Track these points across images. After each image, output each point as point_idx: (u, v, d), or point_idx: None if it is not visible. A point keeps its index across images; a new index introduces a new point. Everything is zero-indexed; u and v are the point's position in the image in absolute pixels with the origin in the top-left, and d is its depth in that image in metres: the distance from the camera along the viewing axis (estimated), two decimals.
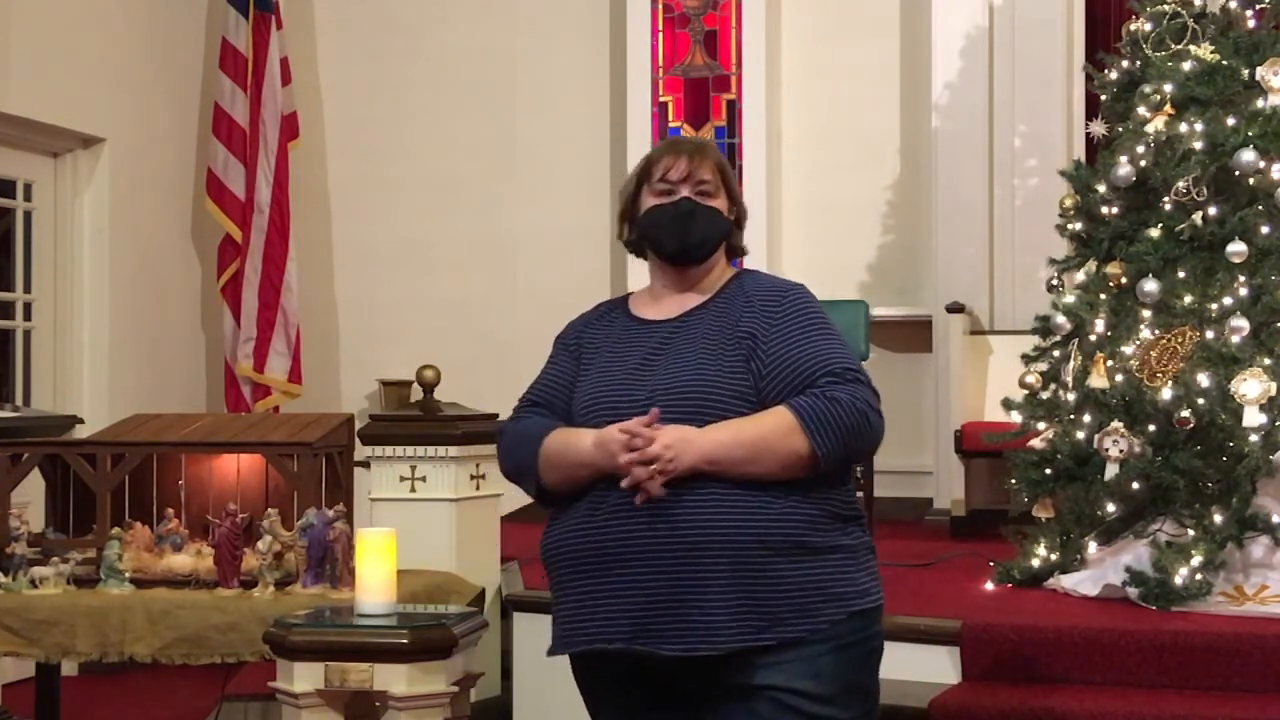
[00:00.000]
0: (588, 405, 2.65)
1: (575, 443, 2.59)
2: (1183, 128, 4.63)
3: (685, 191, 2.72)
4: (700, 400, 2.56)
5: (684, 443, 2.48)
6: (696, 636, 2.44)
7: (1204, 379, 4.28)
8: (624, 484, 2.48)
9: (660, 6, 7.20)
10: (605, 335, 2.78)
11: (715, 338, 2.65)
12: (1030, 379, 4.92)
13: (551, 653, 2.63)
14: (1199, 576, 4.12)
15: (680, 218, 2.71)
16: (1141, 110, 4.77)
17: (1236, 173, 4.53)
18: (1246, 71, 4.69)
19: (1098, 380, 4.52)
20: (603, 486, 2.55)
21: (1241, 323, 4.36)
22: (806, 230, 7.04)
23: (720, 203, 2.76)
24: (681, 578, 2.45)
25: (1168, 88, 4.72)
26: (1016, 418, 4.91)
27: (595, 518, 2.55)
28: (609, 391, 2.64)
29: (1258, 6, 4.82)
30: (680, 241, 2.72)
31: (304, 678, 3.26)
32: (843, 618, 2.50)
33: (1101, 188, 4.84)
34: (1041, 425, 4.79)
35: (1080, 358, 4.73)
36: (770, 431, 2.50)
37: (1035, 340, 5.03)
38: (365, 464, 4.61)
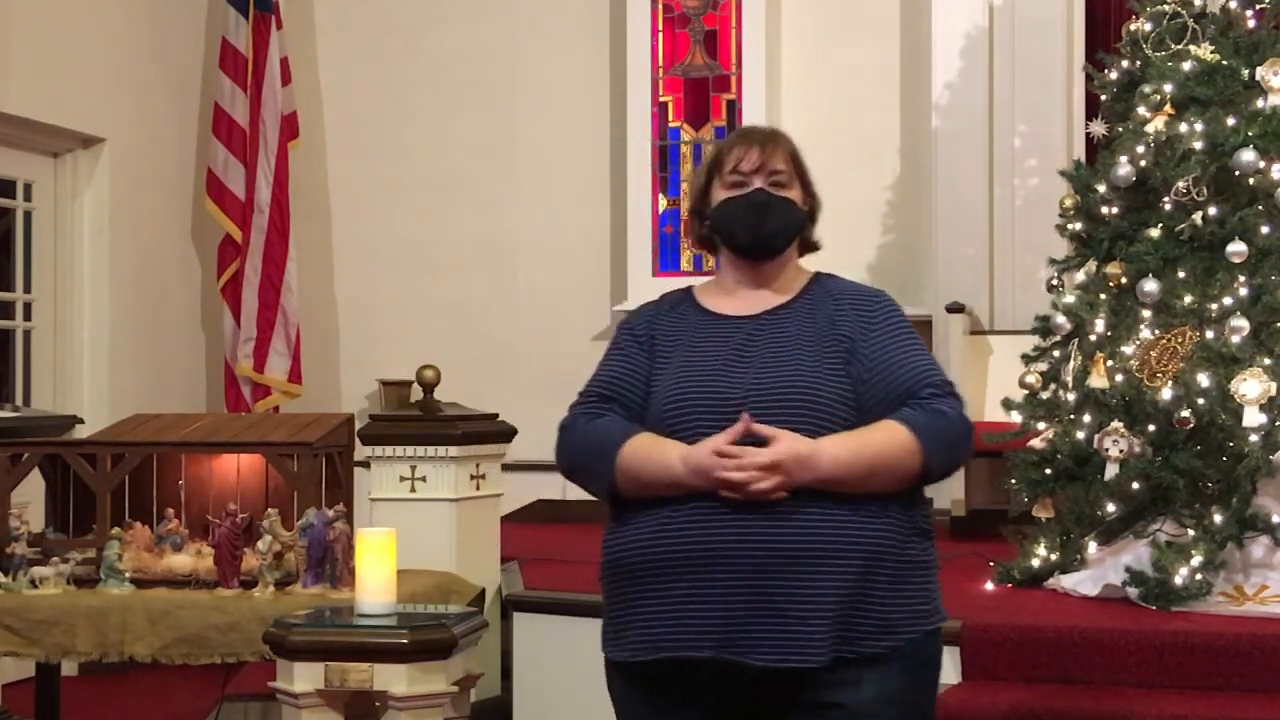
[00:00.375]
0: (675, 405, 2.49)
1: (660, 457, 2.43)
2: (1183, 128, 4.63)
3: (758, 183, 2.59)
4: (803, 404, 2.44)
5: (799, 463, 2.36)
6: (790, 648, 2.33)
7: (1204, 379, 4.28)
8: (722, 494, 2.36)
9: (660, 6, 7.20)
10: (680, 328, 2.62)
11: (810, 338, 2.53)
12: (1030, 379, 4.93)
13: (622, 659, 2.48)
14: (1199, 576, 4.12)
15: (754, 209, 2.58)
16: (1141, 110, 4.78)
17: (1236, 173, 4.53)
18: (1246, 71, 4.70)
19: (1098, 380, 4.52)
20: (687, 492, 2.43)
21: (1241, 323, 4.36)
22: None
23: (795, 193, 2.63)
24: (779, 587, 2.34)
25: (1168, 88, 4.73)
26: (1016, 418, 4.91)
27: (679, 520, 2.41)
28: (698, 390, 2.49)
29: (1258, 6, 4.82)
30: (754, 233, 2.59)
31: (304, 678, 3.26)
32: (919, 636, 2.44)
33: (1101, 188, 4.84)
34: (1041, 425, 4.80)
35: (1080, 358, 4.73)
36: (891, 449, 2.41)
37: (1035, 340, 5.04)
38: (365, 464, 4.61)
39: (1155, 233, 4.67)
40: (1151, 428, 4.37)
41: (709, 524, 2.38)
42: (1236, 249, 4.47)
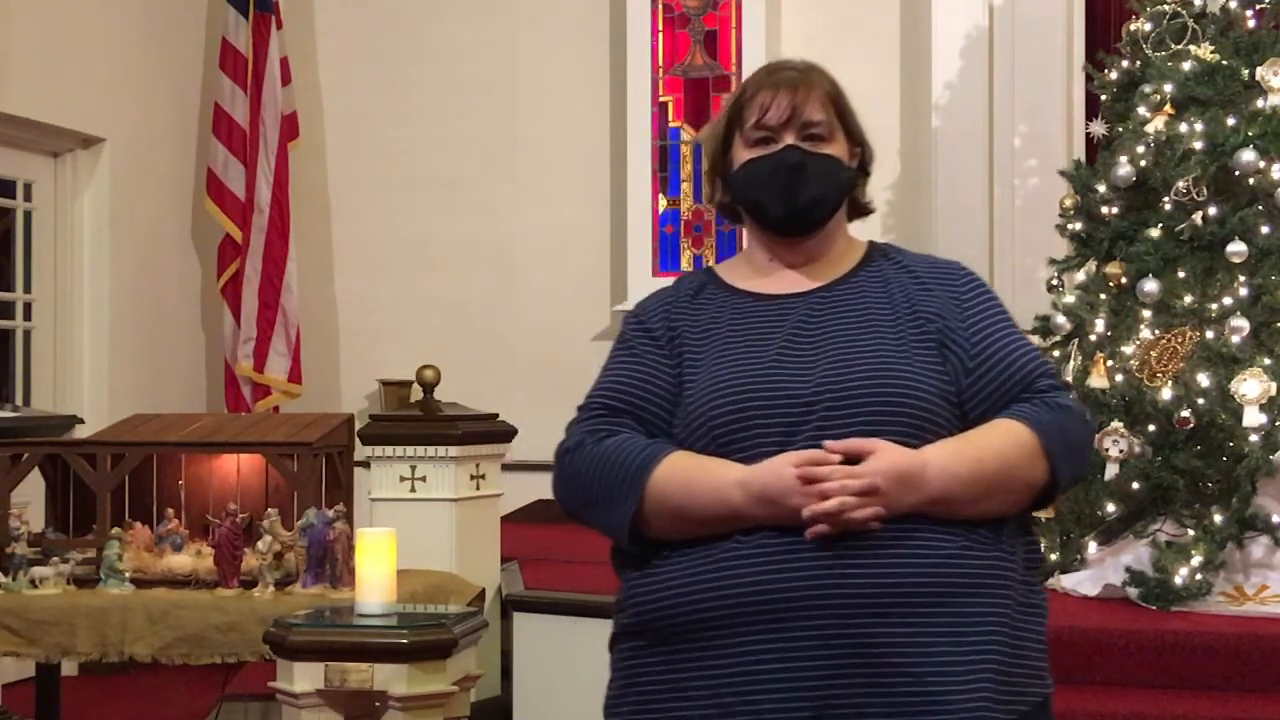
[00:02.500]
0: (725, 412, 1.93)
1: (709, 482, 1.88)
2: (1183, 128, 4.63)
3: (789, 139, 2.06)
4: (897, 403, 1.90)
5: (903, 482, 1.83)
6: (915, 712, 1.81)
7: (1204, 379, 4.28)
8: (809, 534, 1.83)
9: (660, 6, 7.20)
10: (710, 316, 2.06)
11: (887, 317, 2.00)
12: None
13: None
14: (1199, 576, 4.12)
15: (785, 173, 2.05)
16: (1141, 110, 4.78)
17: (1236, 173, 4.54)
18: (1246, 71, 4.70)
19: (1098, 380, 4.52)
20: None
21: (1241, 323, 4.36)
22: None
23: (837, 147, 2.11)
24: (887, 637, 1.81)
25: (1168, 88, 4.73)
26: None
27: (747, 556, 1.86)
28: (753, 391, 1.92)
29: (1258, 6, 4.82)
30: (787, 204, 2.05)
31: (304, 678, 3.26)
32: (1042, 699, 1.98)
33: (1101, 188, 4.84)
34: None
35: (1080, 358, 4.73)
36: (1015, 459, 1.90)
37: (1035, 340, 5.03)
38: (365, 464, 4.61)
39: (1155, 233, 4.67)
40: (1151, 428, 4.37)
41: (789, 560, 1.84)
42: (1236, 249, 4.47)
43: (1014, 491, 1.92)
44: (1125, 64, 5.06)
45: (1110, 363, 4.54)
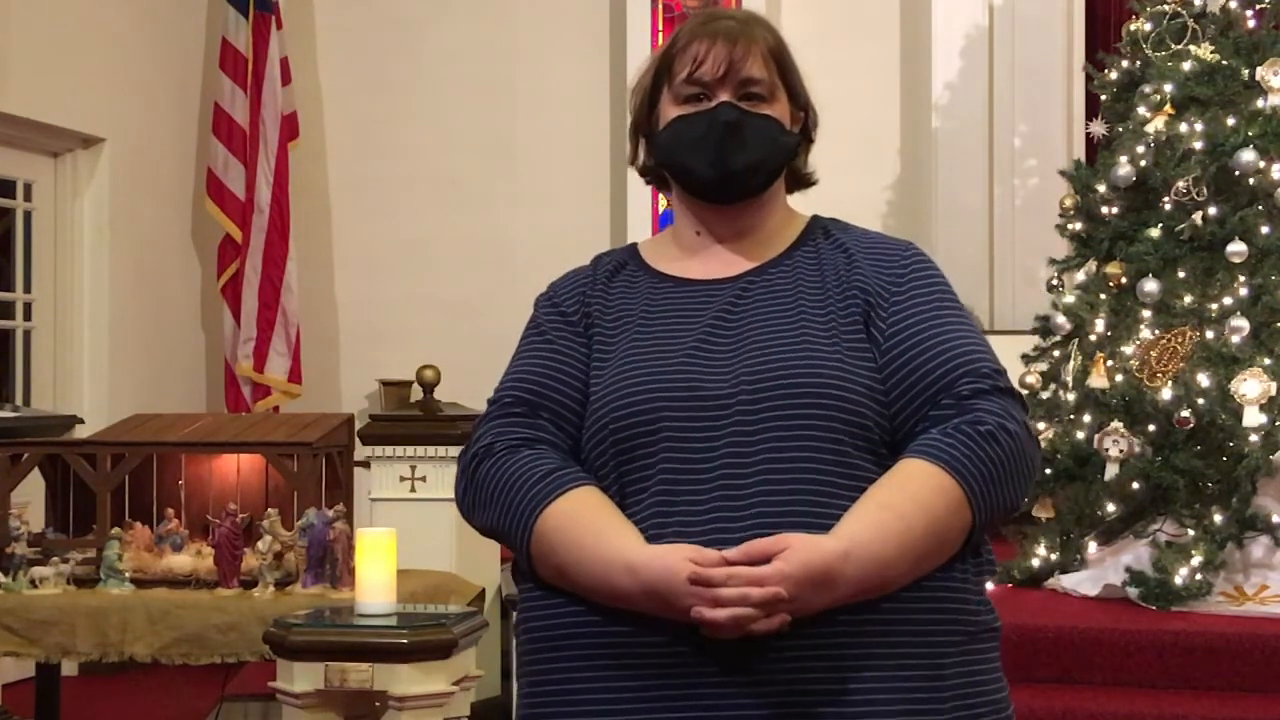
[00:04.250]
0: (629, 411, 1.69)
1: (598, 554, 1.63)
2: (1183, 128, 4.63)
3: (725, 95, 1.80)
4: (822, 395, 1.66)
5: (816, 586, 1.56)
6: None
7: (1204, 379, 4.28)
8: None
9: (660, 6, 7.20)
10: (626, 301, 1.83)
11: (817, 300, 1.76)
12: (1030, 379, 4.93)
13: None
14: (1199, 576, 4.12)
15: (717, 132, 1.79)
16: (1141, 110, 4.78)
17: (1236, 173, 4.54)
18: (1246, 71, 4.70)
19: (1098, 380, 4.52)
20: None
21: (1241, 323, 4.36)
22: None
23: (779, 109, 1.84)
24: (813, 691, 1.60)
25: (1168, 88, 4.73)
26: None
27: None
28: (664, 387, 1.69)
29: (1258, 6, 4.83)
30: (719, 166, 1.79)
31: (304, 678, 3.25)
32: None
33: (1101, 188, 4.85)
34: (1041, 425, 4.80)
35: (1080, 358, 4.74)
36: (944, 516, 1.64)
37: (1035, 340, 5.04)
38: (365, 464, 4.61)
39: (1155, 233, 4.67)
40: (1151, 428, 4.37)
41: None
42: (1236, 249, 4.48)
43: (944, 551, 1.67)
44: (1125, 64, 5.07)
45: (1110, 363, 4.54)
